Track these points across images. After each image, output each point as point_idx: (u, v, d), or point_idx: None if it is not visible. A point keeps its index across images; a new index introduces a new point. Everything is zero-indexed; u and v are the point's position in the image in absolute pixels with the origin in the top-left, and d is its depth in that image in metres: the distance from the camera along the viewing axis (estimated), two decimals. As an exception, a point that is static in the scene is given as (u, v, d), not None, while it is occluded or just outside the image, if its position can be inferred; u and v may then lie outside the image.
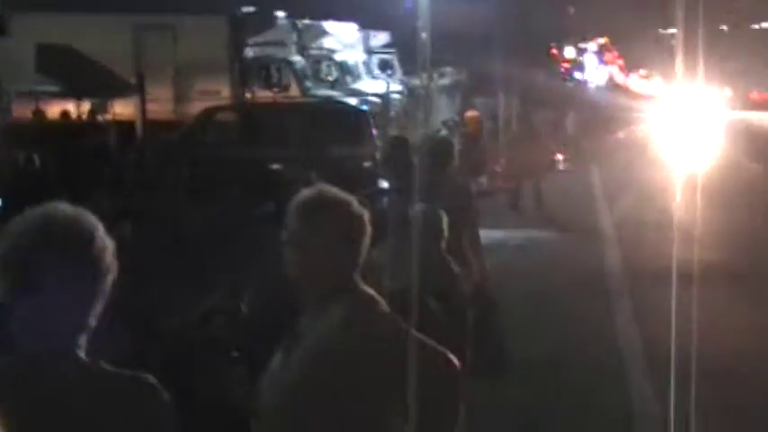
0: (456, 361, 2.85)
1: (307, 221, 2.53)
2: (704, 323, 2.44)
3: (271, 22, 20.28)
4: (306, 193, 2.58)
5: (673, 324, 2.40)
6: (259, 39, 20.35)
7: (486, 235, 12.32)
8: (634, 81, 63.90)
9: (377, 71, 26.29)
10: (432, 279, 5.12)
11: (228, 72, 18.76)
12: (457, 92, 28.33)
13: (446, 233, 5.26)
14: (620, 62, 68.11)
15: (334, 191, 2.60)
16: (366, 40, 26.36)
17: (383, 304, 2.68)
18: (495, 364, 7.14)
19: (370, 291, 2.66)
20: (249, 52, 19.75)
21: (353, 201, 2.59)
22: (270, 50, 20.20)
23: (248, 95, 18.74)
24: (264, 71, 19.58)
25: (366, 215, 2.58)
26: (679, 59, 2.83)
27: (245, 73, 18.83)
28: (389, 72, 26.74)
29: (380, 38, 27.20)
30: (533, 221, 13.41)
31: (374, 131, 14.36)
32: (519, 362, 7.01)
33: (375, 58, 26.90)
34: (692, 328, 2.37)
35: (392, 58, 27.71)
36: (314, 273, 2.55)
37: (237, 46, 18.78)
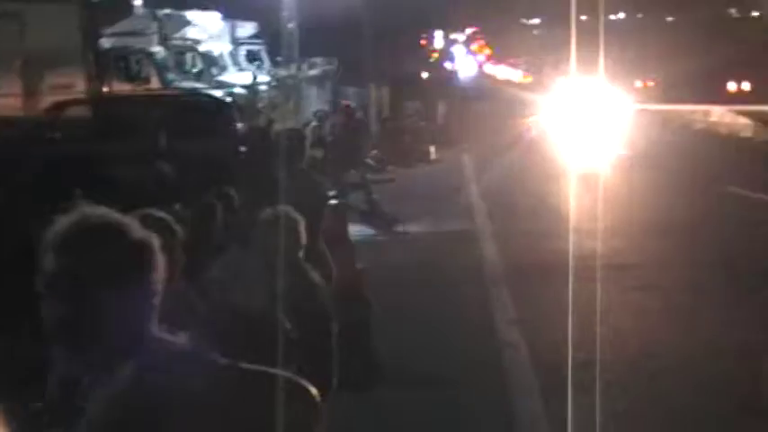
0: (312, 389, 2.16)
1: (66, 259, 1.71)
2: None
3: (127, 10, 19.03)
4: (64, 220, 1.75)
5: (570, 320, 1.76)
6: (116, 29, 19.08)
7: (356, 231, 11.71)
8: (502, 70, 64.62)
9: (244, 62, 25.27)
10: (289, 295, 4.39)
11: (83, 64, 17.41)
12: (327, 82, 27.58)
13: (304, 240, 4.48)
14: (488, 52, 68.77)
15: (105, 213, 1.76)
16: (232, 30, 25.25)
17: (186, 348, 1.88)
18: (368, 376, 6.46)
19: (171, 337, 1.86)
20: (105, 43, 18.46)
21: (132, 223, 1.76)
22: (128, 41, 18.94)
23: (105, 89, 17.46)
24: (123, 63, 18.33)
25: (152, 240, 1.77)
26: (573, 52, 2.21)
27: (102, 65, 17.53)
28: (257, 63, 25.76)
29: (247, 28, 26.12)
30: (407, 214, 12.76)
31: (238, 125, 13.43)
32: (396, 369, 6.38)
33: (242, 49, 25.85)
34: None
35: (260, 48, 26.71)
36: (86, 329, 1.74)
37: (91, 36, 17.44)
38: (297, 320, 4.12)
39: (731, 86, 35.45)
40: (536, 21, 69.40)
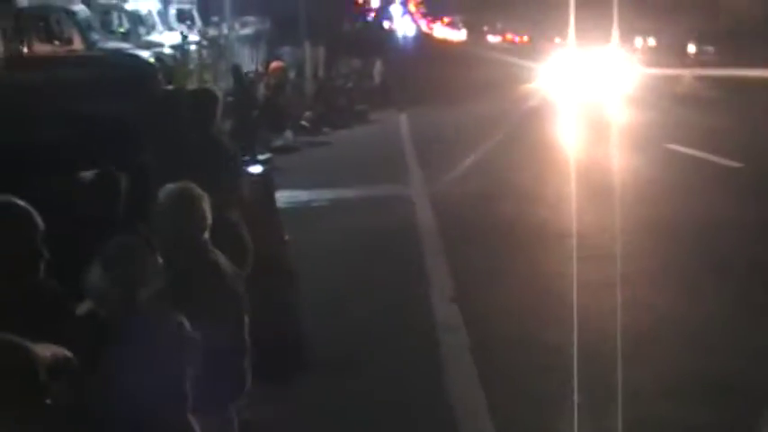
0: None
1: None
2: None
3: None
4: None
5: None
6: (34, -14, 17.98)
7: (287, 197, 11.07)
8: (437, 29, 63.98)
9: (174, 22, 24.26)
10: (187, 288, 3.77)
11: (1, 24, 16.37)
12: (261, 42, 26.66)
13: (209, 219, 3.85)
14: (422, 10, 68.04)
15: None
16: (162, -12, 24.20)
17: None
18: (294, 364, 5.90)
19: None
20: (24, 1, 17.39)
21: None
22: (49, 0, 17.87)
23: (24, 50, 16.44)
24: (43, 22, 17.29)
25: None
26: None
27: (20, 25, 16.50)
28: (188, 23, 24.76)
29: (177, -14, 25.10)
30: (341, 179, 12.14)
31: (160, 87, 12.61)
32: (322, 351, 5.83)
33: (172, 8, 24.83)
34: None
35: (191, 8, 25.72)
36: None
37: (6, -5, 16.41)
38: (197, 316, 3.52)
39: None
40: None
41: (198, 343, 3.28)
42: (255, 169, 8.67)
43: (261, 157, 14.52)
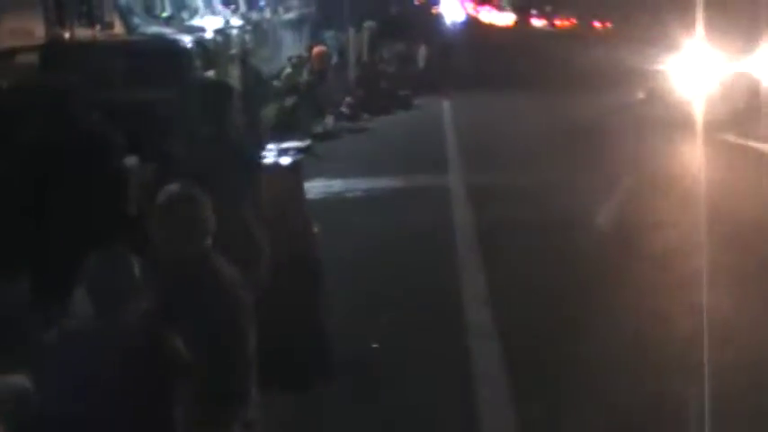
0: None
1: None
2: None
3: (89, -50, 17.71)
4: None
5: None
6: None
7: (322, 186, 10.75)
8: (484, 13, 63.15)
9: (219, 6, 23.99)
10: (184, 308, 3.43)
11: (42, 7, 16.20)
12: (304, 26, 26.35)
13: (212, 227, 3.50)
14: (473, -6, 67.13)
15: None
16: (206, -28, 23.91)
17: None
18: (315, 369, 5.57)
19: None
20: (66, -14, 17.19)
21: None
22: (90, -17, 17.64)
23: (66, 34, 16.28)
24: (85, 6, 17.08)
25: None
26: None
27: (63, 8, 16.31)
28: (233, 7, 24.50)
29: (222, -30, 24.77)
30: (379, 168, 11.76)
31: (195, 73, 12.36)
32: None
33: (217, -8, 24.55)
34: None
35: (235, -9, 25.41)
36: None
37: (49, -21, 16.20)
38: (194, 330, 3.20)
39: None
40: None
41: (188, 364, 2.96)
42: (284, 160, 8.35)
43: (301, 145, 14.36)
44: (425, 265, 7.06)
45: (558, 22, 53.37)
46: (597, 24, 43.15)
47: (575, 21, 48.82)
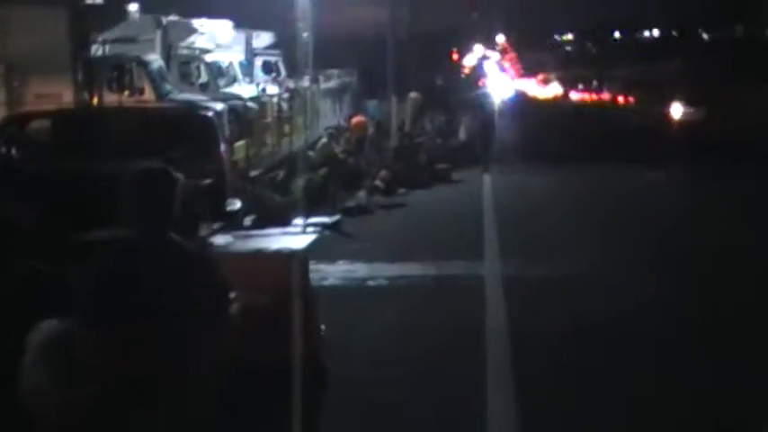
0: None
1: None
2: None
3: (121, 15, 17.08)
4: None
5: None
6: (110, 35, 17.13)
7: (343, 271, 9.55)
8: (531, 86, 62.40)
9: (260, 74, 23.26)
10: None
11: (71, 72, 15.49)
12: (345, 95, 25.49)
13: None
14: (518, 66, 66.58)
15: None
16: (247, 40, 23.27)
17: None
18: None
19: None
20: (98, 50, 16.52)
21: None
22: (123, 48, 16.95)
23: (94, 100, 15.53)
24: (117, 71, 16.35)
25: None
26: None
27: (91, 73, 15.58)
28: (274, 74, 23.75)
29: (263, 38, 24.15)
30: (409, 251, 10.52)
31: (221, 143, 11.37)
32: None
33: (258, 60, 23.86)
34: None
35: (277, 59, 24.69)
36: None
37: (81, 42, 15.51)
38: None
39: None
40: (569, 37, 67.18)
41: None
42: (296, 241, 7.22)
43: (328, 221, 13.22)
44: (447, 386, 5.73)
45: (586, 96, 55.09)
46: (620, 99, 46.24)
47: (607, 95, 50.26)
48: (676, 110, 29.92)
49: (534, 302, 7.85)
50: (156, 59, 16.70)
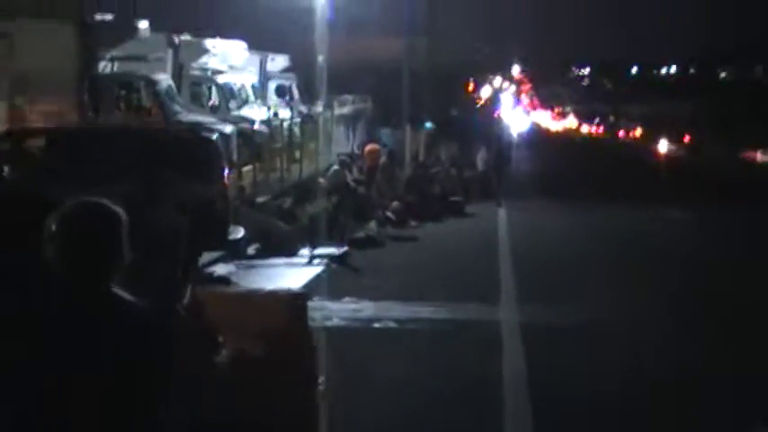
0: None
1: None
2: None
3: (131, 32, 16.50)
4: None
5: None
6: (120, 52, 16.54)
7: (349, 310, 8.82)
8: (546, 119, 61.87)
9: (273, 97, 22.64)
10: None
11: (77, 90, 14.88)
12: (359, 122, 24.84)
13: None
14: (534, 100, 66.16)
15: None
16: (262, 63, 22.67)
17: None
18: None
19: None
20: (106, 68, 15.93)
21: None
22: (132, 67, 16.36)
23: (100, 118, 14.90)
24: (124, 91, 15.75)
25: None
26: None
27: (97, 92, 14.96)
28: (288, 98, 23.13)
29: (278, 61, 23.54)
30: (420, 289, 9.77)
31: (224, 168, 10.68)
32: None
33: (272, 83, 23.25)
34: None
35: (291, 83, 24.08)
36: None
37: (88, 59, 14.91)
38: None
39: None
40: (586, 70, 66.71)
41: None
42: (298, 275, 6.49)
43: (336, 252, 12.48)
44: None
45: (593, 130, 57.91)
46: (621, 133, 49.46)
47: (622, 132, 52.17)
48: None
49: (555, 352, 7.09)
50: (165, 79, 16.09)
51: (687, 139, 46.04)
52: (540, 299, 9.16)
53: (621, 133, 50.56)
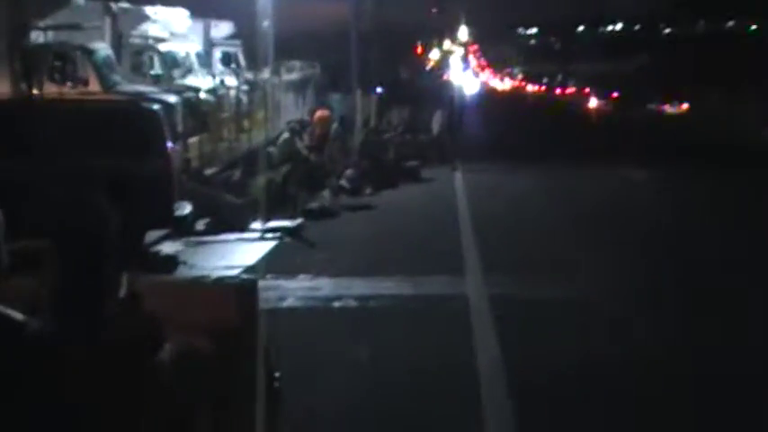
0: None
1: None
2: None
3: (65, 0, 15.51)
4: None
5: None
6: (53, 21, 15.53)
7: (306, 288, 8.20)
8: (495, 81, 61.51)
9: (218, 65, 21.70)
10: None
11: (8, 61, 13.88)
12: (308, 88, 24.04)
13: None
14: (483, 61, 65.67)
15: None
16: (205, 30, 21.70)
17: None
18: None
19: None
20: (39, 37, 14.92)
21: None
22: (67, 36, 15.37)
23: (33, 91, 13.92)
24: (59, 61, 14.78)
25: None
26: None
27: (30, 63, 13.97)
28: (234, 66, 22.20)
29: (222, 28, 22.56)
30: (380, 262, 9.17)
31: (167, 140, 9.92)
32: None
33: (217, 51, 22.29)
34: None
35: (236, 50, 23.14)
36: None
37: (19, 28, 13.89)
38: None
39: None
40: (533, 30, 66.40)
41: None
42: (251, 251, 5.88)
43: (289, 224, 11.81)
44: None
45: (530, 87, 60.05)
46: (558, 91, 51.85)
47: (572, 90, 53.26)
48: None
49: (529, 329, 6.55)
50: (103, 48, 15.16)
51: (615, 95, 47.26)
52: (506, 268, 8.63)
53: (558, 91, 53.51)
